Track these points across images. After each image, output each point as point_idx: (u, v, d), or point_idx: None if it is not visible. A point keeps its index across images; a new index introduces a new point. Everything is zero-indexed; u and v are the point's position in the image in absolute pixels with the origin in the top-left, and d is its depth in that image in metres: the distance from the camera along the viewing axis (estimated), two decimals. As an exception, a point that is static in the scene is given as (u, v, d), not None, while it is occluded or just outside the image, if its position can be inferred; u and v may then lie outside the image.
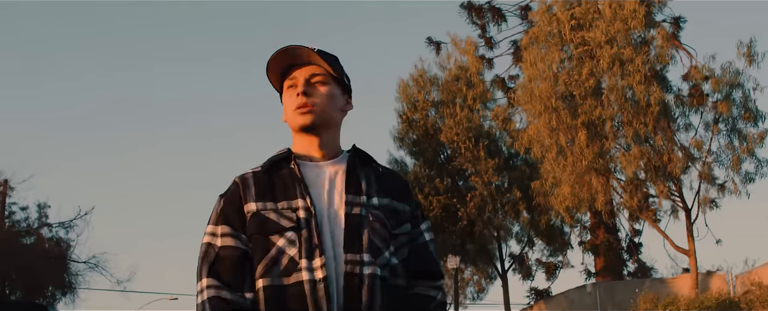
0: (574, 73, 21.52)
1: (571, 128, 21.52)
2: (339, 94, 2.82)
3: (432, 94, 33.97)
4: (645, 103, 20.64)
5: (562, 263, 40.20)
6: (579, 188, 21.52)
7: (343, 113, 2.84)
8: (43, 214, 37.75)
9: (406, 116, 33.45)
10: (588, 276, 40.71)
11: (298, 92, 2.73)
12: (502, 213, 31.71)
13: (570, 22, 22.01)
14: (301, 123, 2.73)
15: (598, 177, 21.50)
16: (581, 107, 21.55)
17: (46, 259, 35.79)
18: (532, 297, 40.17)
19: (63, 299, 37.61)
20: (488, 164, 31.17)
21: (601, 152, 21.30)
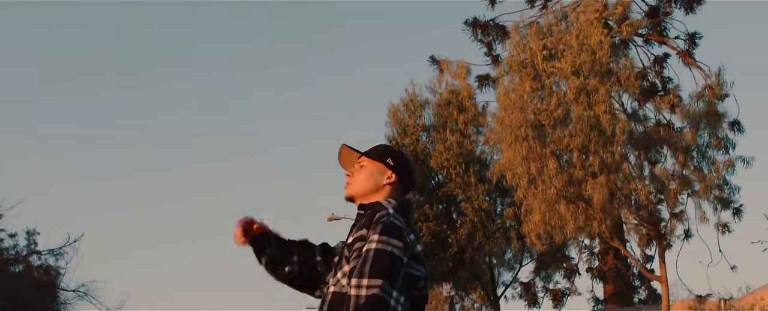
0: (543, 104, 23.85)
1: (542, 156, 23.84)
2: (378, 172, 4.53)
3: (423, 118, 35.95)
4: (610, 132, 22.90)
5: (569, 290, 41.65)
6: (550, 215, 23.78)
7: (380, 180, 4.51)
8: (32, 241, 39.01)
9: (396, 141, 35.48)
10: (595, 304, 42.23)
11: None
12: (493, 239, 33.64)
13: (542, 52, 24.36)
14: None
15: (568, 205, 23.76)
16: (550, 137, 23.92)
17: (34, 287, 37.10)
18: (539, 326, 41.73)
19: None
20: (479, 189, 33.25)
21: (570, 180, 23.58)
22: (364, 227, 4.26)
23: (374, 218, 4.24)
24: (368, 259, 4.09)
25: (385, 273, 4.05)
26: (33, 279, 38.14)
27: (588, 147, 23.63)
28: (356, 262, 4.14)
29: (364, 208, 4.42)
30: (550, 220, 24.03)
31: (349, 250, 4.25)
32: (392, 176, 4.49)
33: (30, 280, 37.80)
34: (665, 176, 24.03)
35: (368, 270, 4.05)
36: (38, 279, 38.67)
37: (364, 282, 4.05)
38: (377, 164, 4.51)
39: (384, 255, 4.10)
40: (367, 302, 4.02)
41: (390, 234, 4.16)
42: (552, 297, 40.70)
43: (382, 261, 4.08)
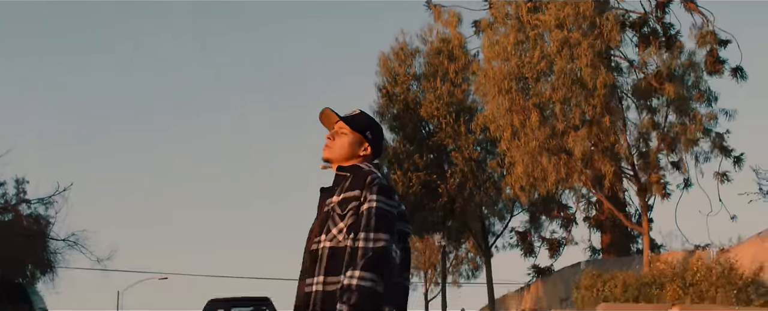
0: (526, 56, 24.93)
1: (525, 109, 24.96)
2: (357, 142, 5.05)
3: (413, 67, 36.85)
4: (591, 85, 24.00)
5: (565, 239, 42.66)
6: (533, 167, 24.96)
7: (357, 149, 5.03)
8: (21, 189, 39.50)
9: (387, 90, 36.42)
10: (592, 254, 43.17)
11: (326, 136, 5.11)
12: (484, 189, 34.69)
13: (527, 4, 25.40)
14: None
15: (550, 157, 24.92)
16: (533, 89, 25.04)
17: (24, 237, 37.56)
18: (534, 275, 42.86)
19: (42, 278, 39.75)
20: (469, 139, 34.28)
21: (552, 132, 24.72)
22: (354, 188, 4.87)
23: (367, 181, 4.85)
24: (372, 216, 4.75)
25: (387, 228, 4.74)
26: (22, 229, 38.54)
27: (570, 100, 24.71)
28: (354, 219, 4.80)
29: (345, 170, 5.04)
30: (532, 172, 25.19)
31: (342, 208, 4.86)
32: (368, 149, 5.11)
33: (19, 229, 38.23)
34: (647, 127, 25.09)
35: (374, 226, 4.73)
36: (27, 228, 39.03)
37: (371, 235, 4.69)
38: (357, 134, 5.10)
39: (384, 212, 4.77)
40: (375, 253, 4.68)
41: (385, 195, 4.82)
42: (548, 247, 41.67)
43: (384, 217, 4.76)
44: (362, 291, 4.65)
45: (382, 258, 4.73)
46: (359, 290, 4.64)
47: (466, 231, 37.56)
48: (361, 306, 4.66)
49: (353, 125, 5.15)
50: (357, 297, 4.64)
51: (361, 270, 4.67)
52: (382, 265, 4.73)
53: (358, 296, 4.65)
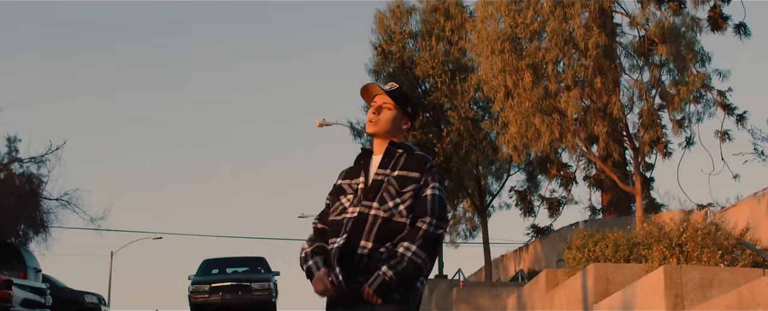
0: (519, 17, 25.59)
1: (518, 69, 25.64)
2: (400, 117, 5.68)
3: (409, 25, 37.35)
4: (584, 46, 24.68)
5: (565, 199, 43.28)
6: (526, 127, 25.69)
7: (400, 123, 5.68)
8: (14, 148, 40.22)
9: (382, 48, 37.01)
10: (593, 213, 43.85)
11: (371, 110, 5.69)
12: (480, 148, 35.35)
13: (520, -37, 26.08)
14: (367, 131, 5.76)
15: (543, 118, 25.64)
16: (526, 50, 25.73)
17: (16, 196, 38.12)
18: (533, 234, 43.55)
19: (35, 238, 40.60)
20: (465, 98, 34.95)
21: (545, 93, 25.43)
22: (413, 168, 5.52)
23: (427, 165, 5.56)
24: (435, 202, 5.45)
25: (446, 216, 5.49)
26: (14, 188, 38.94)
27: (563, 61, 25.39)
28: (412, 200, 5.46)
29: (398, 146, 5.66)
30: (526, 132, 25.91)
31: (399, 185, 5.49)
32: (408, 123, 5.75)
33: (11, 189, 38.67)
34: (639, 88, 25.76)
35: (437, 212, 5.42)
36: (20, 187, 39.37)
37: (435, 221, 5.37)
38: (400, 109, 5.71)
39: (444, 200, 5.51)
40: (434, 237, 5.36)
41: (441, 183, 5.58)
42: (548, 206, 42.28)
43: (444, 206, 5.48)
44: (412, 264, 5.31)
45: (437, 242, 5.43)
46: (410, 262, 5.29)
47: (462, 191, 38.22)
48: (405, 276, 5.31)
49: (398, 101, 5.72)
50: (404, 267, 5.29)
51: (418, 247, 5.32)
52: (435, 249, 5.41)
53: (406, 266, 5.30)
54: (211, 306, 32.30)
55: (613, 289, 20.08)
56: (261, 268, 34.40)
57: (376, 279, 5.29)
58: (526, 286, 25.67)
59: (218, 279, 32.85)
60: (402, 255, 5.29)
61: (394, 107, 5.67)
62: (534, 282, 24.92)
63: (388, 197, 5.46)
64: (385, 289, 5.29)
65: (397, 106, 5.68)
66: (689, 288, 16.29)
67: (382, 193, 5.48)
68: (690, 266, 16.87)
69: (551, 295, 23.16)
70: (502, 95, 26.10)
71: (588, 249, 22.11)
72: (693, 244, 17.92)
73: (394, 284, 5.28)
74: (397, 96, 5.70)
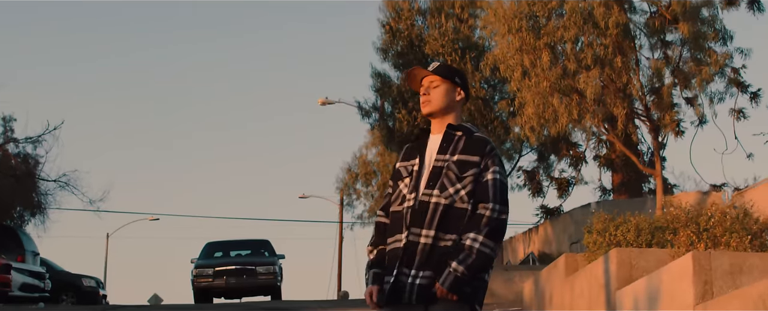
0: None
1: (535, 48, 25.61)
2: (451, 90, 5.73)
3: (418, 2, 37.21)
4: (603, 25, 24.65)
5: (575, 179, 43.19)
6: (543, 108, 25.68)
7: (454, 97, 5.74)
8: (9, 128, 40.07)
9: (390, 26, 36.89)
10: (603, 194, 43.76)
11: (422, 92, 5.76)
12: (492, 128, 35.26)
13: (540, -62, 25.99)
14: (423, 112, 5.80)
15: (561, 98, 25.63)
16: (544, 29, 25.69)
17: (12, 177, 38.34)
18: (542, 215, 43.49)
19: (32, 220, 40.64)
20: (475, 77, 34.85)
21: (564, 73, 25.42)
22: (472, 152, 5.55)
23: (487, 148, 5.58)
24: (498, 188, 5.49)
25: (508, 201, 5.48)
26: (10, 169, 39.17)
27: (582, 40, 25.36)
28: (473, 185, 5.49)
29: (456, 129, 5.69)
30: (543, 113, 25.90)
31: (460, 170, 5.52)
32: (461, 93, 5.80)
33: (7, 169, 38.86)
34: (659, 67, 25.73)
35: (500, 198, 5.46)
36: (16, 168, 39.65)
37: (498, 207, 5.40)
38: (448, 82, 5.76)
39: (505, 185, 5.55)
40: (499, 224, 5.41)
41: (502, 166, 5.58)
42: (557, 186, 42.24)
43: (506, 190, 5.52)
44: (481, 256, 5.37)
45: (503, 229, 5.48)
46: (479, 255, 5.35)
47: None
48: (476, 268, 5.38)
49: (443, 75, 5.79)
50: (474, 259, 5.35)
51: (485, 237, 5.38)
52: (501, 236, 5.48)
53: (476, 259, 5.36)
54: (215, 290, 32.43)
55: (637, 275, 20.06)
56: (265, 251, 34.41)
57: (448, 276, 5.33)
58: (544, 271, 25.61)
59: (222, 262, 32.86)
60: (470, 248, 5.34)
61: (442, 81, 5.74)
62: (552, 266, 24.87)
63: (448, 183, 5.50)
64: (458, 285, 5.33)
65: (444, 80, 5.75)
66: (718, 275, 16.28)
67: (442, 179, 5.51)
68: (719, 251, 16.87)
69: (571, 280, 23.12)
70: (519, 75, 26.07)
71: (609, 233, 22.11)
72: (721, 229, 17.91)
73: (468, 278, 5.34)
74: (441, 71, 5.79)
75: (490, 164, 5.51)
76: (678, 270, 17.20)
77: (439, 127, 5.77)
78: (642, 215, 22.30)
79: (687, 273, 16.15)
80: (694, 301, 15.70)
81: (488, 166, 5.51)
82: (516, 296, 28.43)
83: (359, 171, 48.75)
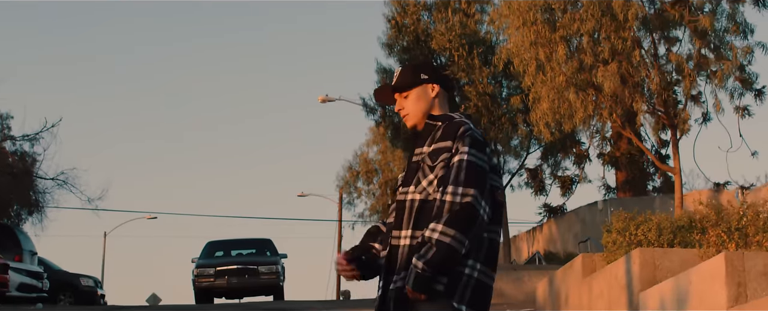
0: (553, -15, 24.73)
1: (551, 42, 24.76)
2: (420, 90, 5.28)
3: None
4: (622, 18, 23.81)
5: (578, 177, 42.58)
6: (559, 103, 24.84)
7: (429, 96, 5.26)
8: (6, 125, 39.78)
9: (396, 21, 36.16)
10: (607, 192, 43.21)
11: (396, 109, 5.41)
12: (499, 125, 34.57)
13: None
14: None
15: (578, 93, 24.80)
16: (560, 21, 24.81)
17: (9, 175, 37.81)
18: (545, 214, 42.91)
19: (30, 218, 40.23)
20: (483, 72, 34.15)
21: (580, 67, 24.57)
22: (446, 138, 5.06)
23: (459, 131, 5.05)
24: (462, 169, 4.92)
25: (477, 183, 4.88)
26: (7, 166, 38.75)
27: (599, 33, 24.53)
28: (444, 171, 4.98)
29: (435, 119, 5.24)
30: (559, 108, 25.06)
31: (432, 159, 5.06)
32: (435, 87, 5.30)
33: (4, 167, 38.43)
34: (680, 61, 24.91)
35: (463, 179, 4.88)
36: (13, 166, 39.25)
37: (460, 190, 4.84)
38: (416, 87, 5.30)
39: (475, 166, 4.93)
40: (462, 208, 4.81)
41: (477, 148, 5.01)
42: (560, 185, 41.70)
43: (474, 171, 4.90)
44: (441, 247, 4.76)
45: (467, 214, 4.82)
46: (438, 246, 4.75)
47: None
48: (437, 262, 4.77)
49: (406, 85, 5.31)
50: (434, 252, 4.75)
51: (444, 225, 4.78)
52: (467, 222, 4.81)
53: (436, 252, 4.76)
54: (217, 290, 32.03)
55: (661, 276, 19.28)
56: (267, 250, 34.19)
57: (410, 274, 4.87)
58: (559, 271, 24.83)
59: (224, 262, 32.46)
60: (428, 239, 4.82)
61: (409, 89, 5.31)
62: (568, 266, 24.09)
63: (422, 176, 5.08)
64: (423, 283, 4.83)
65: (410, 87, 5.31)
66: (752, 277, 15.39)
67: (418, 174, 5.11)
68: (752, 252, 16.00)
69: (589, 282, 22.33)
70: (533, 69, 25.21)
71: (629, 232, 21.31)
72: (754, 228, 17.08)
73: (430, 273, 4.82)
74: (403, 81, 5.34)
75: (460, 146, 5.01)
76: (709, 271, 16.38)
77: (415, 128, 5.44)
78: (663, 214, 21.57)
79: (719, 275, 15.27)
80: (727, 304, 14.83)
81: (458, 148, 5.01)
82: (526, 296, 27.70)
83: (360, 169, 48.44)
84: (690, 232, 21.05)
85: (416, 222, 5.00)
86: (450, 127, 5.11)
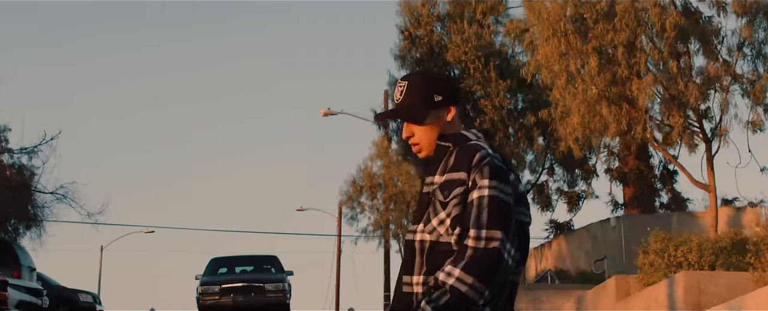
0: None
1: (582, 53, 23.50)
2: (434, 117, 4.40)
3: (437, 7, 35.53)
4: (660, 27, 22.56)
5: (585, 193, 41.74)
6: (590, 117, 23.58)
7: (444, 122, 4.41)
8: (3, 138, 38.80)
9: (409, 32, 35.24)
10: (614, 208, 42.36)
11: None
12: (515, 140, 33.59)
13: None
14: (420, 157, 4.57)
15: (610, 106, 23.54)
16: (592, 32, 23.52)
17: (7, 188, 37.01)
18: (551, 230, 41.97)
19: (28, 233, 39.32)
20: (499, 85, 33.12)
21: (613, 79, 23.32)
22: (460, 167, 4.23)
23: (474, 159, 4.21)
24: (483, 208, 4.12)
25: (503, 224, 4.11)
26: (5, 180, 37.87)
27: (634, 43, 23.28)
28: (459, 209, 4.17)
29: (446, 139, 4.36)
30: (589, 122, 23.80)
31: (444, 193, 4.25)
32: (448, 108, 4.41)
33: (2, 181, 37.57)
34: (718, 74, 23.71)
35: (487, 221, 4.10)
36: (11, 179, 38.30)
37: (483, 233, 4.09)
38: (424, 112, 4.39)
39: (498, 202, 4.13)
40: (486, 255, 4.09)
41: (500, 179, 4.18)
42: (567, 200, 40.96)
43: (498, 209, 4.11)
44: (455, 294, 4.16)
45: (491, 260, 4.14)
46: (452, 292, 4.15)
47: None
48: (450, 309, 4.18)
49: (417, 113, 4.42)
50: (447, 299, 4.17)
51: (462, 271, 4.13)
52: (490, 270, 4.16)
53: (449, 298, 4.17)
54: (222, 308, 30.98)
55: (707, 301, 18.15)
56: (272, 268, 33.62)
57: None
58: (590, 293, 23.64)
59: (229, 279, 31.64)
60: (442, 284, 4.18)
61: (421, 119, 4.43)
62: (600, 288, 22.91)
63: (433, 213, 4.32)
64: None
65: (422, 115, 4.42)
66: (821, 303, 14.18)
67: (429, 210, 4.34)
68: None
69: (625, 305, 21.14)
70: (563, 82, 23.91)
71: (669, 253, 20.15)
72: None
73: None
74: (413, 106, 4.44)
75: (478, 178, 4.19)
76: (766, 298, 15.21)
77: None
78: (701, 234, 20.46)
79: (778, 301, 14.10)
80: (790, 333, 13.65)
81: (476, 182, 4.19)
82: (547, 318, 26.55)
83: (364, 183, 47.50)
84: (734, 254, 19.95)
85: (427, 267, 4.30)
86: (464, 154, 4.26)
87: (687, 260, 19.92)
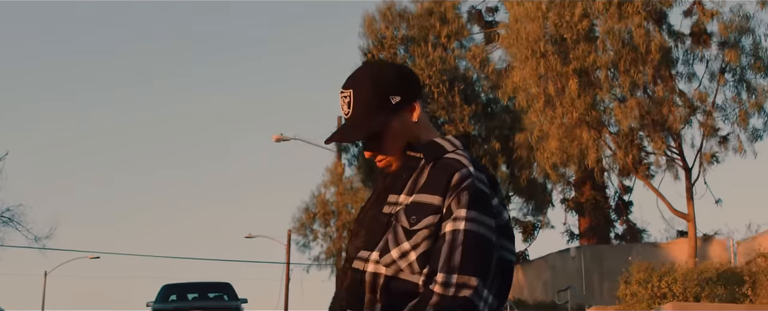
0: (566, 14, 22.48)
1: (561, 75, 22.55)
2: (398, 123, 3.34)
3: (401, 30, 34.79)
4: (644, 49, 21.68)
5: (541, 222, 41.19)
6: (568, 142, 22.62)
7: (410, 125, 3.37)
8: None
9: (372, 54, 34.41)
10: (570, 238, 41.95)
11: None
12: (477, 167, 32.81)
13: (561, -45, 23.02)
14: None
15: (590, 131, 22.59)
16: (573, 53, 22.57)
17: None
18: (505, 260, 41.22)
19: None
20: (464, 111, 32.30)
21: (594, 103, 22.39)
22: (433, 190, 3.20)
23: (453, 181, 3.19)
24: (457, 246, 3.14)
25: (479, 268, 3.17)
26: None
27: (618, 66, 22.37)
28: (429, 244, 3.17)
29: (416, 149, 3.35)
30: (568, 148, 22.80)
31: (411, 219, 3.22)
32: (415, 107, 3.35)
33: None
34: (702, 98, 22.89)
35: (460, 263, 3.14)
36: None
37: (454, 279, 3.16)
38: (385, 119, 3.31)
39: (478, 239, 3.16)
40: (454, 306, 3.15)
41: (480, 209, 3.17)
42: (522, 230, 40.36)
43: (477, 250, 3.16)
44: None
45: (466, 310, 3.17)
46: None
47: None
48: None
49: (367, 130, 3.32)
50: None
51: None
52: None
53: None
54: (175, 335, 30.20)
55: (696, 334, 17.24)
56: (225, 295, 32.54)
57: None
58: (566, 325, 22.66)
59: (182, 307, 30.78)
60: None
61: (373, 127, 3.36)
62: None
63: (393, 242, 3.25)
64: None
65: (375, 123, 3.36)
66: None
67: (387, 235, 3.26)
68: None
69: (607, 337, 20.16)
70: (541, 105, 22.88)
71: (652, 284, 19.18)
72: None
73: None
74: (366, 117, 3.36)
75: (454, 206, 3.18)
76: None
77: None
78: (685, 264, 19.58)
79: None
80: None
81: (452, 211, 3.17)
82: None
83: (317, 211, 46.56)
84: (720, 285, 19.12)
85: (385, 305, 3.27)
86: (440, 172, 3.24)
87: (671, 291, 18.98)
